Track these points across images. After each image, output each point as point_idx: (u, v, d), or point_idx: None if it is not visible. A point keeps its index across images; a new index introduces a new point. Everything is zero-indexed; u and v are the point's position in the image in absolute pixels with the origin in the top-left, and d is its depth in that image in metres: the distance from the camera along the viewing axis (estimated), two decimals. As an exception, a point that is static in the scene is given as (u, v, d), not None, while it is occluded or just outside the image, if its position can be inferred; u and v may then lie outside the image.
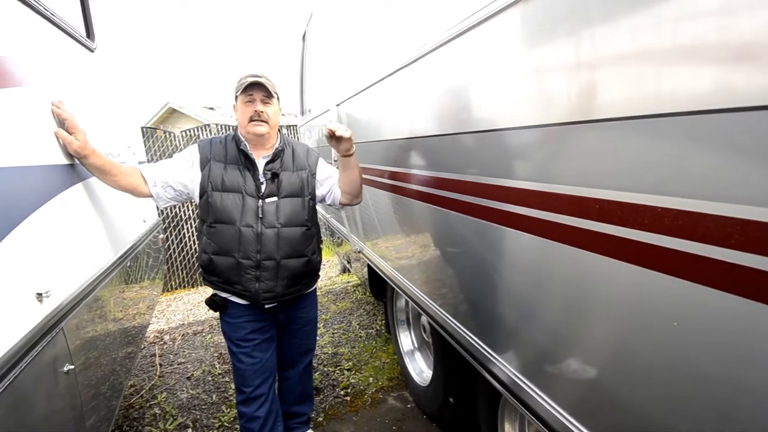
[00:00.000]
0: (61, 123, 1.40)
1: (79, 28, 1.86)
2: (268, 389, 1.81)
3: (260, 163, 1.69)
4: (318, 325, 3.54)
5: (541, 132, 0.95)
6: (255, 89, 1.62)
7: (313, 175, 1.78)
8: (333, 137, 1.65)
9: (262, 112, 1.63)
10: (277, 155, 1.71)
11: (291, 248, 1.67)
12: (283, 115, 1.79)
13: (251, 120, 1.63)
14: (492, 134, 1.15)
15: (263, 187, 1.66)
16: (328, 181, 1.82)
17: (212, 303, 1.75)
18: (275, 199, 1.66)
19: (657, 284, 0.70)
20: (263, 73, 1.66)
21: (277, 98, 1.69)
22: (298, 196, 1.71)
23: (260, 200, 1.65)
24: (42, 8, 1.41)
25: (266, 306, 1.72)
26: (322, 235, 1.98)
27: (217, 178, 1.65)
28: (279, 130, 1.76)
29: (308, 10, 3.97)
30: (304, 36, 4.27)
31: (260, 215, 1.63)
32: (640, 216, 0.71)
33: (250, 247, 1.62)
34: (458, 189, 1.35)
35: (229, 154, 1.69)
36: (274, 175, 1.67)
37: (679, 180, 0.65)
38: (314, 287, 1.93)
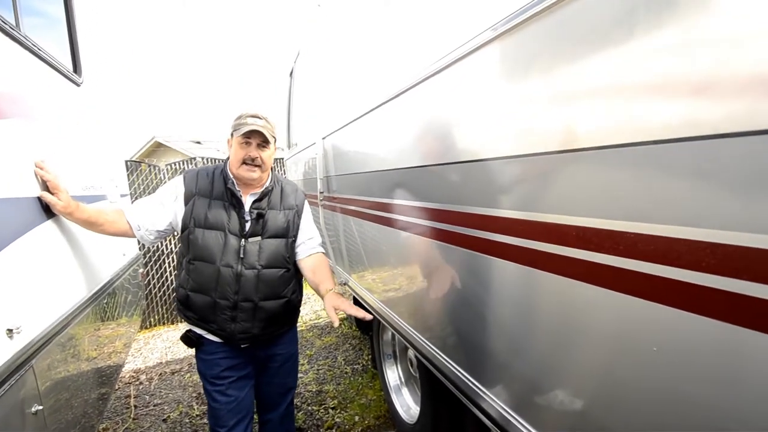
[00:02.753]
0: (44, 184, 1.39)
1: (67, 63, 1.88)
2: (244, 430, 1.72)
3: (247, 201, 1.65)
4: (302, 361, 3.46)
5: (524, 162, 0.97)
6: (253, 134, 1.59)
7: (299, 216, 1.75)
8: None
9: (256, 157, 1.60)
10: (265, 194, 1.67)
11: (270, 290, 1.63)
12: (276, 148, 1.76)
13: (244, 163, 1.60)
14: (476, 164, 1.17)
15: (248, 226, 1.62)
16: (305, 240, 1.76)
17: (187, 339, 1.70)
18: (258, 239, 1.63)
19: (646, 312, 0.70)
20: (264, 114, 1.63)
21: (274, 140, 1.66)
22: (282, 237, 1.67)
23: (243, 239, 1.60)
24: (30, 44, 1.43)
25: (242, 346, 1.67)
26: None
27: (201, 214, 1.60)
28: (272, 169, 1.74)
29: (295, 49, 4.10)
30: (291, 73, 4.39)
31: (241, 255, 1.59)
32: (630, 243, 0.72)
33: (229, 287, 1.58)
34: (444, 219, 1.36)
35: (215, 189, 1.64)
36: (260, 215, 1.64)
37: (657, 206, 0.67)
38: (293, 325, 1.86)
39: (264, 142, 1.62)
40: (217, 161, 5.66)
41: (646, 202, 0.68)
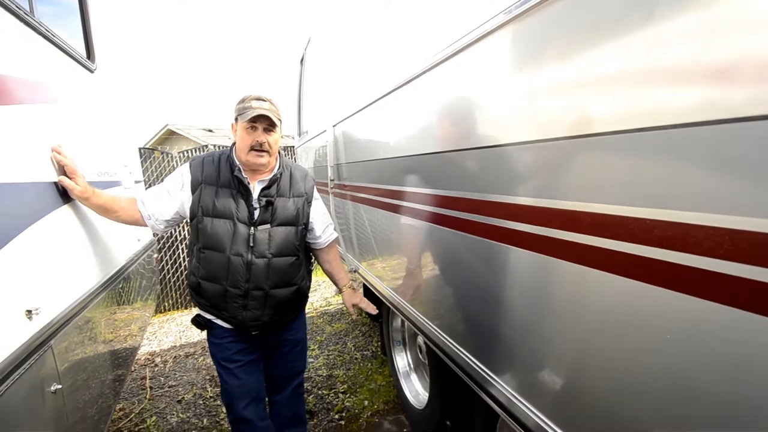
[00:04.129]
0: (61, 169, 1.41)
1: (80, 49, 1.89)
2: (253, 412, 1.76)
3: (255, 188, 1.62)
4: (313, 347, 3.50)
5: (538, 147, 0.96)
6: (259, 119, 1.55)
7: (309, 203, 1.73)
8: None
9: (264, 142, 1.56)
10: (273, 181, 1.64)
11: (281, 278, 1.63)
12: (282, 137, 1.73)
13: (252, 149, 1.56)
14: (489, 151, 1.16)
15: (256, 214, 1.60)
16: (317, 226, 1.78)
17: (197, 323, 1.73)
18: (267, 226, 1.60)
19: (657, 298, 0.70)
20: (268, 96, 1.59)
21: (281, 122, 1.63)
22: (291, 224, 1.65)
23: (252, 227, 1.59)
24: (44, 30, 1.44)
25: (253, 333, 1.69)
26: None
27: (209, 203, 1.58)
28: (279, 153, 1.69)
29: (306, 35, 4.07)
30: (302, 60, 4.37)
31: (251, 244, 1.58)
32: (639, 230, 0.71)
33: (239, 276, 1.58)
34: (455, 206, 1.36)
35: (222, 176, 1.61)
36: (269, 203, 1.61)
37: (675, 192, 0.66)
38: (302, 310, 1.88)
39: (270, 126, 1.57)
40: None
41: (668, 188, 0.67)
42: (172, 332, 4.33)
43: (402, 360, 2.57)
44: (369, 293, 2.65)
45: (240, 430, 1.76)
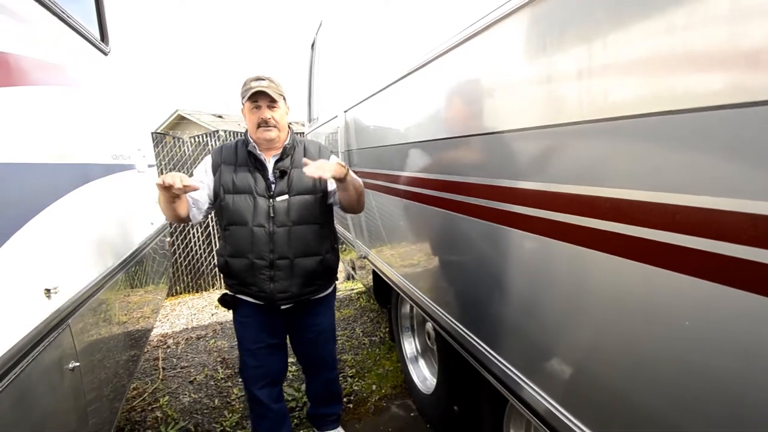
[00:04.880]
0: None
1: (94, 32, 1.89)
2: (267, 394, 1.82)
3: (270, 163, 1.69)
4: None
5: (548, 132, 0.95)
6: (259, 96, 1.62)
7: None
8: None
9: (269, 118, 1.63)
10: (286, 153, 1.70)
11: (304, 246, 1.67)
12: (294, 123, 1.78)
13: (259, 126, 1.64)
14: (499, 136, 1.15)
15: (273, 186, 1.66)
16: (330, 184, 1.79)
17: (223, 301, 1.79)
18: (286, 197, 1.66)
19: (669, 283, 0.69)
20: (267, 75, 1.67)
21: (284, 98, 1.69)
22: (310, 193, 1.69)
23: (271, 199, 1.65)
24: (59, 10, 1.44)
25: (282, 307, 1.73)
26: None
27: (228, 181, 1.66)
28: (289, 127, 1.76)
29: (317, 19, 4.02)
30: (312, 44, 4.32)
31: (271, 214, 1.63)
32: (652, 214, 0.70)
33: (263, 246, 1.63)
34: (465, 191, 1.35)
35: (239, 156, 1.70)
36: (283, 173, 1.67)
37: (685, 177, 0.65)
38: (331, 291, 1.89)
39: (272, 102, 1.64)
40: (238, 135, 5.71)
41: (682, 172, 0.66)
42: (184, 315, 4.40)
43: (410, 346, 2.59)
44: (378, 279, 2.66)
45: (253, 409, 1.86)
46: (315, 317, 1.84)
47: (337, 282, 1.95)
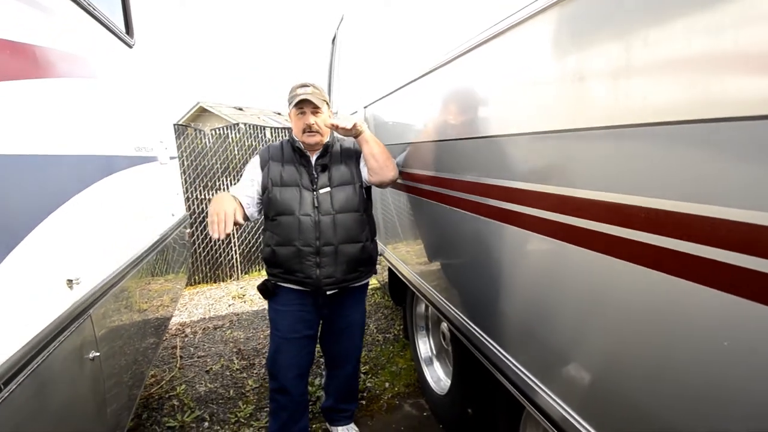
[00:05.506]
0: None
1: (120, 24, 1.91)
2: (293, 385, 1.88)
3: (313, 159, 1.83)
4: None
5: (576, 136, 0.92)
6: (304, 103, 1.75)
7: (358, 160, 1.87)
8: (337, 128, 1.77)
9: (312, 124, 1.76)
10: (326, 150, 1.83)
11: (347, 233, 1.78)
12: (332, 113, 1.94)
13: (304, 132, 1.78)
14: (523, 138, 1.12)
15: (316, 179, 1.80)
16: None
17: (264, 288, 1.87)
18: (328, 189, 1.79)
19: (696, 296, 0.66)
20: (311, 81, 1.81)
21: (327, 103, 1.82)
22: (348, 183, 1.82)
23: (314, 192, 1.77)
24: (87, 4, 1.46)
25: (328, 293, 1.81)
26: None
27: (276, 175, 1.80)
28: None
29: (339, 14, 4.00)
30: (333, 39, 4.31)
31: (316, 204, 1.76)
32: (678, 223, 0.67)
33: (310, 234, 1.73)
34: (484, 192, 1.32)
35: (285, 154, 1.84)
36: (324, 167, 1.81)
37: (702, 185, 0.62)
38: (365, 283, 1.99)
39: (316, 108, 1.77)
40: (258, 128, 5.75)
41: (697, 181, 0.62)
42: (202, 305, 4.48)
43: (424, 345, 2.57)
44: (393, 277, 2.65)
45: (277, 399, 1.91)
46: (348, 309, 1.94)
47: (374, 284, 2.03)
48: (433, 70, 1.64)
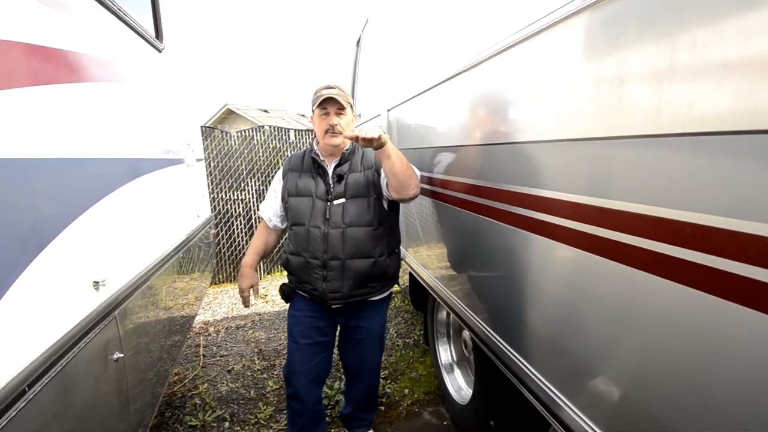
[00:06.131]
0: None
1: (150, 29, 1.96)
2: (307, 393, 1.84)
3: (330, 167, 1.78)
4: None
5: (610, 145, 0.87)
6: (328, 103, 1.70)
7: (378, 172, 1.75)
8: (358, 140, 1.58)
9: (336, 125, 1.71)
10: (345, 159, 1.77)
11: (356, 248, 1.70)
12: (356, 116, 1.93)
13: (326, 132, 1.72)
14: (553, 145, 1.07)
15: (332, 190, 1.74)
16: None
17: (282, 291, 1.89)
18: (343, 200, 1.72)
19: (728, 315, 0.61)
20: (336, 83, 1.75)
21: (351, 107, 1.77)
22: (363, 196, 1.73)
23: (328, 202, 1.72)
24: (116, 8, 1.49)
25: (333, 306, 1.76)
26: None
27: (293, 185, 1.79)
28: None
29: (364, 17, 4.00)
30: (358, 41, 4.31)
31: (327, 216, 1.71)
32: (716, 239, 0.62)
33: (318, 247, 1.70)
34: (510, 201, 1.28)
35: (305, 163, 1.82)
36: (340, 177, 1.74)
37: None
38: (385, 296, 1.89)
39: (340, 109, 1.72)
40: (282, 131, 5.81)
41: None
42: (225, 304, 4.55)
43: (445, 353, 2.52)
44: (414, 282, 2.61)
45: (292, 405, 1.89)
46: (365, 320, 1.87)
47: (395, 288, 1.96)
48: (461, 72, 1.60)
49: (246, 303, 1.90)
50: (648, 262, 0.78)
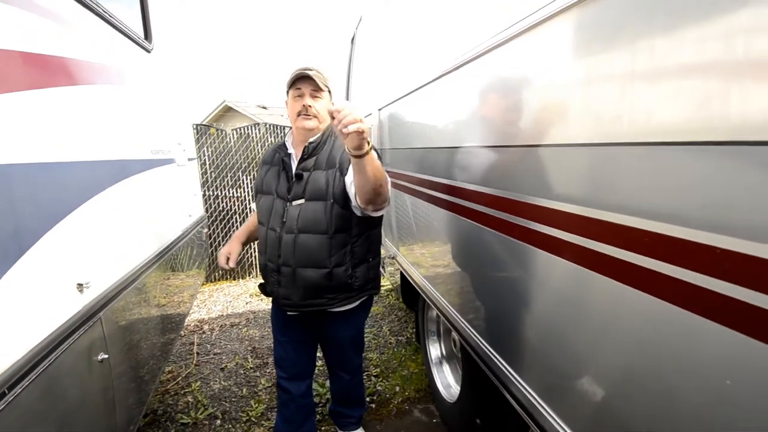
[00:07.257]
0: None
1: (138, 30, 1.96)
2: (294, 387, 1.85)
3: (295, 162, 1.63)
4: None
5: (603, 151, 0.84)
6: (304, 83, 1.56)
7: (342, 174, 1.54)
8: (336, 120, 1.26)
9: (310, 106, 1.56)
10: (311, 152, 1.58)
11: (307, 257, 1.55)
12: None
13: (299, 114, 1.57)
14: (545, 150, 1.05)
15: (292, 188, 1.60)
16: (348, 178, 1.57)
17: (260, 287, 1.81)
18: (302, 201, 1.57)
19: (712, 334, 0.62)
20: (314, 65, 1.60)
21: (329, 92, 1.62)
22: (320, 199, 1.55)
23: (287, 203, 1.59)
24: (101, 11, 1.49)
25: (288, 313, 1.72)
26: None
27: (260, 181, 1.71)
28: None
29: (358, 14, 3.99)
30: (352, 39, 4.31)
31: (284, 219, 1.58)
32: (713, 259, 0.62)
33: (273, 251, 1.61)
34: (499, 206, 1.27)
35: (275, 156, 1.69)
36: (298, 176, 1.58)
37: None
38: (355, 306, 1.71)
39: (315, 91, 1.57)
40: (279, 128, 5.81)
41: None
42: (220, 302, 4.57)
43: (435, 351, 2.54)
44: (406, 281, 2.63)
45: (280, 396, 1.90)
46: (334, 330, 1.78)
47: (375, 296, 1.83)
48: (454, 69, 1.55)
49: (220, 263, 1.78)
50: (629, 275, 0.77)
